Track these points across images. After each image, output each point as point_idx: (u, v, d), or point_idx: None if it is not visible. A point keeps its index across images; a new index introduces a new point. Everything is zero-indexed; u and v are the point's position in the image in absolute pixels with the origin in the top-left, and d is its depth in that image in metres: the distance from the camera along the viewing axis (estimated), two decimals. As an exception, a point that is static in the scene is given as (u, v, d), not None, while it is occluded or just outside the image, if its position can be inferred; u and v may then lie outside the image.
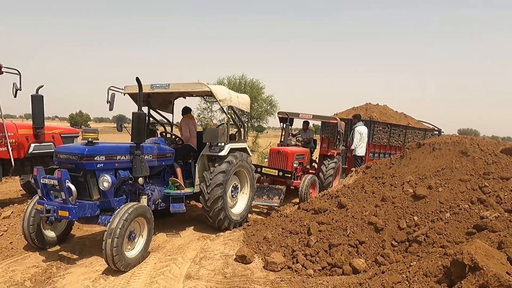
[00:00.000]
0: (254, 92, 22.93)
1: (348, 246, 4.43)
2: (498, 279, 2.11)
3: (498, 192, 4.28)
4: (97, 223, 4.47)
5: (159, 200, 5.52)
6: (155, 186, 5.53)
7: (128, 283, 3.92)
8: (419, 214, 4.45)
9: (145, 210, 4.49)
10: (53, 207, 4.11)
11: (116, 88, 5.77)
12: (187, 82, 5.71)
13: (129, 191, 5.01)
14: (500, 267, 2.25)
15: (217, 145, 5.88)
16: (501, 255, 2.43)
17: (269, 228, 5.59)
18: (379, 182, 5.81)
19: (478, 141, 5.45)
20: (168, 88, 5.66)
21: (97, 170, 4.42)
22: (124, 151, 4.79)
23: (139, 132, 4.67)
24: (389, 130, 11.64)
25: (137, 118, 4.63)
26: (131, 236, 4.35)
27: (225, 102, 5.92)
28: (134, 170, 4.75)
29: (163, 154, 5.57)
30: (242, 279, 4.10)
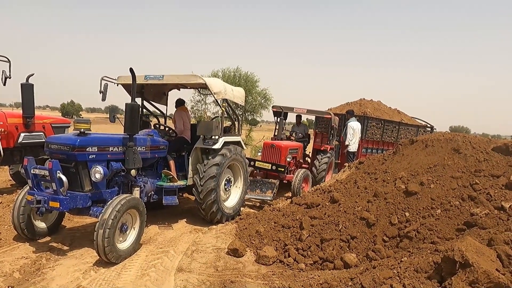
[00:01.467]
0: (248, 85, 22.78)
1: (340, 241, 4.45)
2: (488, 276, 2.14)
3: (488, 190, 4.33)
4: (89, 214, 4.45)
5: (151, 193, 5.50)
6: (148, 178, 5.50)
7: (119, 276, 3.90)
8: (410, 210, 4.49)
9: (138, 202, 4.48)
10: (44, 198, 4.06)
11: (109, 78, 5.69)
12: (181, 74, 5.64)
13: (122, 183, 4.96)
14: (490, 264, 2.27)
15: (211, 138, 5.85)
16: (491, 252, 2.45)
17: (262, 222, 5.58)
18: (371, 177, 5.83)
19: (470, 138, 5.49)
20: (162, 79, 5.60)
21: (89, 161, 4.38)
22: (117, 142, 4.75)
23: (132, 123, 4.63)
24: (383, 126, 11.68)
25: (130, 109, 4.58)
26: (123, 228, 4.33)
27: (220, 95, 5.88)
28: (127, 161, 4.72)
29: (156, 146, 5.54)
30: (234, 273, 4.10)
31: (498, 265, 2.35)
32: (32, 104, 6.76)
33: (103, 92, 5.45)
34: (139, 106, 5.20)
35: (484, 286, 2.14)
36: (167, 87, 6.93)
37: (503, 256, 2.42)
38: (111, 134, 5.04)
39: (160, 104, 7.14)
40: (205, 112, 23.12)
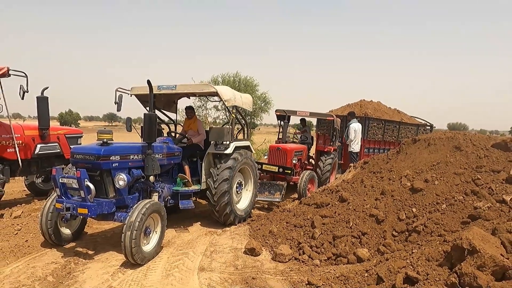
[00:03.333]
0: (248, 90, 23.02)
1: (351, 237, 4.70)
2: (494, 260, 2.39)
3: (490, 184, 4.59)
4: (113, 219, 4.71)
5: (168, 197, 5.74)
6: (165, 183, 5.74)
7: (146, 276, 4.13)
8: (417, 206, 4.74)
9: (160, 207, 4.74)
10: (73, 205, 4.30)
11: (123, 90, 5.96)
12: (194, 84, 5.96)
13: (141, 189, 5.21)
14: (495, 249, 2.52)
15: (223, 144, 6.09)
16: (495, 239, 2.70)
17: (274, 222, 5.83)
18: (377, 176, 6.10)
19: (471, 136, 5.77)
20: (175, 89, 5.87)
21: (112, 169, 4.62)
22: (137, 150, 5.01)
23: (151, 132, 4.86)
24: (383, 126, 11.97)
25: (148, 119, 4.83)
26: (147, 231, 4.55)
27: (230, 102, 6.15)
28: (146, 168, 4.96)
29: (172, 153, 5.80)
30: (254, 270, 4.34)
31: (502, 251, 2.60)
32: (47, 116, 7.01)
33: (118, 103, 5.70)
34: (156, 115, 5.44)
35: (490, 269, 2.39)
36: (178, 95, 7.19)
37: (506, 243, 2.68)
38: (132, 143, 5.27)
39: (170, 112, 7.44)
40: (206, 117, 23.35)
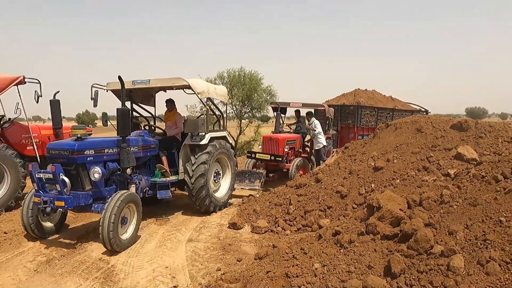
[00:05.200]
0: (253, 83, 23.64)
1: (318, 211, 5.42)
2: (391, 212, 3.05)
3: (440, 161, 5.20)
4: (91, 210, 4.94)
5: (146, 188, 5.94)
6: (142, 175, 5.92)
7: (142, 246, 4.96)
8: (376, 182, 5.40)
9: (135, 197, 5.02)
10: (50, 198, 4.52)
11: (99, 85, 6.17)
12: (166, 78, 6.14)
13: (118, 181, 5.40)
14: (396, 206, 3.18)
15: (198, 135, 6.31)
16: (402, 199, 3.37)
17: (259, 202, 6.58)
18: (352, 159, 6.77)
19: (432, 119, 6.34)
20: (148, 83, 6.13)
21: (87, 163, 4.84)
22: (112, 144, 5.20)
23: (124, 126, 5.04)
24: (376, 114, 12.49)
25: (121, 113, 4.98)
26: (124, 221, 4.81)
27: (204, 94, 6.35)
28: (122, 161, 5.16)
29: (148, 146, 5.98)
30: (232, 240, 5.14)
31: (404, 207, 3.27)
32: (59, 117, 7.92)
33: (94, 98, 5.81)
34: (129, 110, 5.49)
35: (388, 219, 3.06)
36: (154, 90, 7.37)
37: (410, 202, 3.35)
38: (106, 138, 5.62)
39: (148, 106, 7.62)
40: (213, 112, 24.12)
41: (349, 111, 12.47)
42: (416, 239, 2.55)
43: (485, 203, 2.69)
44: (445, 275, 2.20)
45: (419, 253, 2.53)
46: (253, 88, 23.30)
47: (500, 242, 2.24)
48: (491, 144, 5.32)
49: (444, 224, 2.75)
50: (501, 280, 2.01)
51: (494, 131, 5.59)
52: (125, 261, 4.42)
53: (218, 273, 3.94)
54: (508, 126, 5.66)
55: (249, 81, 23.60)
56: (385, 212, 3.05)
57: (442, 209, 3.01)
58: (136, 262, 4.38)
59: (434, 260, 2.36)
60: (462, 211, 2.79)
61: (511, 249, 2.14)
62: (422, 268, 2.36)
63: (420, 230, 2.59)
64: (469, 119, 6.00)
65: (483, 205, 2.69)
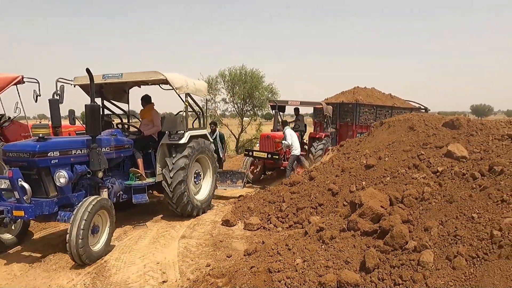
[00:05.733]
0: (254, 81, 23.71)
1: (310, 208, 5.49)
2: (372, 209, 3.12)
3: (430, 158, 5.24)
4: (56, 220, 4.39)
5: (120, 192, 5.50)
6: (115, 178, 5.49)
7: (136, 243, 5.06)
8: (367, 179, 5.45)
9: (107, 203, 4.53)
10: (7, 208, 4.01)
11: (65, 80, 5.69)
12: (141, 71, 5.59)
13: (88, 185, 4.93)
14: (377, 203, 3.25)
15: (177, 133, 5.87)
16: (384, 196, 3.43)
17: (254, 200, 6.67)
18: (346, 157, 6.82)
19: (425, 117, 6.37)
20: (121, 77, 5.57)
21: (51, 166, 4.29)
22: (80, 145, 4.70)
23: (94, 124, 4.55)
24: (375, 111, 12.50)
25: (90, 110, 4.47)
26: (95, 230, 4.35)
27: (182, 89, 5.85)
28: (91, 163, 4.67)
29: (121, 146, 5.46)
30: (225, 236, 5.23)
31: (386, 203, 3.33)
32: (59, 115, 8.04)
33: (59, 94, 5.37)
34: (100, 106, 5.00)
35: (369, 216, 3.12)
36: (128, 85, 6.88)
37: (392, 199, 3.41)
38: (73, 137, 5.26)
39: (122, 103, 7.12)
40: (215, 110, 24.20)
41: (347, 109, 12.50)
42: (392, 235, 2.62)
43: (461, 200, 2.75)
44: (415, 270, 2.27)
45: (394, 249, 2.59)
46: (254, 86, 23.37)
47: (469, 238, 2.30)
48: (482, 142, 5.34)
49: (422, 221, 2.82)
50: (466, 274, 2.07)
51: (486, 129, 5.61)
52: (118, 257, 4.53)
53: (207, 269, 4.03)
54: (500, 124, 5.68)
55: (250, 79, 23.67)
56: (366, 209, 3.12)
57: (421, 206, 3.07)
58: (128, 258, 4.49)
59: (407, 255, 2.43)
60: (439, 208, 2.85)
61: (478, 244, 2.20)
62: (395, 263, 2.42)
63: (396, 226, 2.66)
64: (461, 117, 6.02)
65: (458, 202, 2.74)
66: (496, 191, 2.61)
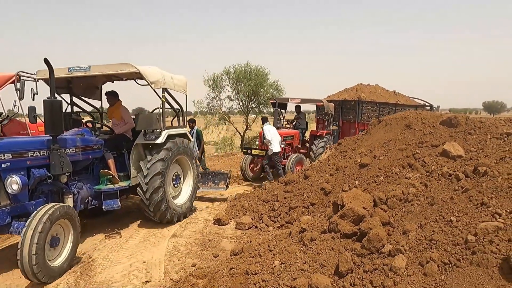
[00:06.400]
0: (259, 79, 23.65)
1: (302, 208, 5.41)
2: (353, 211, 3.03)
3: (425, 158, 5.11)
4: (9, 232, 3.90)
5: (89, 198, 4.99)
6: (83, 183, 4.98)
7: (126, 242, 5.06)
8: (360, 179, 5.35)
9: (69, 211, 3.98)
10: None
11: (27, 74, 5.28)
12: (111, 64, 5.10)
13: (49, 192, 4.42)
14: (359, 204, 3.15)
15: (153, 132, 5.42)
16: (369, 197, 3.34)
17: (248, 198, 6.62)
18: (342, 155, 6.71)
19: (422, 115, 6.22)
20: (89, 71, 5.11)
21: (2, 171, 3.80)
22: (38, 146, 4.17)
23: (54, 122, 4.06)
24: (378, 109, 12.32)
25: (50, 106, 3.99)
26: (55, 242, 3.85)
27: (158, 84, 5.39)
28: (53, 167, 4.17)
29: (89, 146, 4.97)
30: (215, 236, 5.19)
31: (368, 205, 3.24)
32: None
33: (19, 89, 5.02)
34: (61, 102, 4.46)
35: (350, 217, 3.03)
36: (98, 80, 6.37)
37: (377, 200, 3.31)
38: (30, 137, 4.76)
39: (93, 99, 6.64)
40: (220, 108, 24.18)
41: (350, 106, 12.35)
42: (369, 238, 2.53)
43: (442, 202, 2.65)
44: (386, 275, 2.19)
45: (371, 252, 2.51)
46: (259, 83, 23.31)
47: (444, 242, 2.20)
48: (480, 141, 5.18)
49: (402, 223, 2.72)
50: (436, 281, 1.97)
51: (484, 127, 5.45)
52: (106, 256, 4.53)
53: (192, 269, 3.99)
54: (499, 122, 5.51)
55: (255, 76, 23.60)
56: (347, 210, 3.03)
57: (404, 208, 2.97)
58: (116, 257, 4.48)
59: (381, 260, 2.35)
60: (420, 210, 2.75)
61: (452, 249, 2.11)
62: (368, 268, 2.34)
63: (374, 229, 2.57)
64: (459, 115, 5.86)
65: (439, 204, 2.64)
66: (477, 193, 2.50)
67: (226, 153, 19.10)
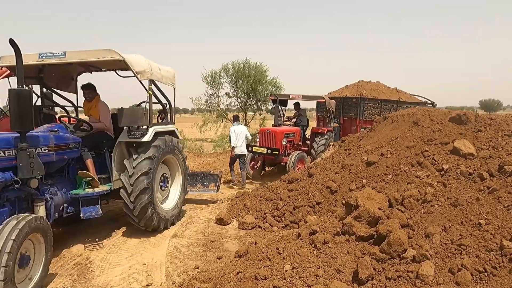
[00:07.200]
0: (258, 75, 23.43)
1: (307, 207, 5.23)
2: (368, 212, 2.86)
3: (435, 155, 4.95)
4: None
5: (64, 206, 4.30)
6: (57, 187, 4.29)
7: (125, 242, 4.86)
8: (367, 177, 5.18)
9: (41, 223, 3.35)
10: None
11: None
12: (91, 50, 4.42)
13: (17, 199, 3.74)
14: (375, 204, 2.98)
15: (138, 129, 4.80)
16: (383, 197, 3.16)
17: (251, 197, 6.43)
18: (347, 153, 6.54)
19: (430, 112, 6.05)
20: (64, 57, 4.33)
21: None
22: (2, 144, 3.52)
23: (22, 116, 3.40)
24: (380, 106, 12.15)
25: (16, 97, 3.32)
26: (24, 261, 3.18)
27: (144, 75, 4.74)
28: (20, 169, 3.55)
29: (65, 145, 4.27)
30: (217, 236, 5.00)
31: (384, 205, 3.06)
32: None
33: None
34: (30, 91, 3.83)
35: (365, 219, 2.86)
36: (74, 69, 5.63)
37: (392, 200, 3.14)
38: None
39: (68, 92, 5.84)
40: (218, 104, 23.96)
41: (351, 103, 12.17)
42: (389, 242, 2.36)
43: (467, 203, 2.48)
44: (413, 284, 2.02)
45: (392, 257, 2.34)
46: (258, 80, 23.08)
47: (475, 248, 2.04)
48: (491, 138, 5.03)
49: (423, 226, 2.55)
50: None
51: (495, 124, 5.29)
52: (104, 257, 4.33)
53: (195, 272, 3.80)
54: (510, 119, 5.35)
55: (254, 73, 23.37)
56: (362, 211, 2.86)
57: (423, 209, 2.80)
58: (114, 258, 4.28)
59: (405, 266, 2.17)
60: (443, 212, 2.58)
61: (486, 256, 1.94)
62: (391, 275, 2.17)
63: (394, 232, 2.40)
64: (468, 112, 5.70)
65: (464, 205, 2.47)
66: (506, 194, 2.34)
67: (224, 150, 18.92)
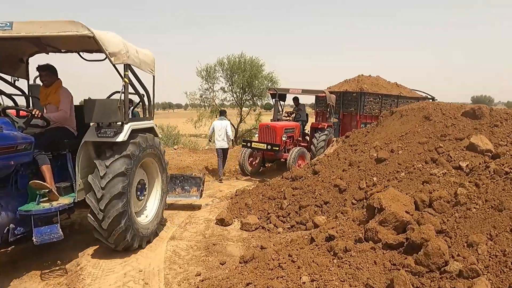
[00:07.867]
0: (254, 70, 23.05)
1: (314, 206, 4.92)
2: (395, 216, 2.55)
3: (450, 152, 4.66)
4: None
5: (10, 226, 3.31)
6: (0, 202, 3.32)
7: (119, 245, 4.49)
8: (378, 175, 4.88)
9: None
10: None
11: None
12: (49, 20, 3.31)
13: None
14: (401, 207, 2.68)
15: (110, 126, 3.87)
16: (409, 199, 2.86)
17: (252, 195, 6.09)
18: (353, 149, 6.23)
19: (442, 106, 5.77)
20: (10, 30, 3.27)
21: None
22: None
23: None
24: (380, 101, 11.89)
25: None
26: None
27: (120, 58, 3.77)
28: None
29: (11, 146, 3.26)
30: (219, 238, 4.66)
31: (411, 208, 2.76)
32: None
33: None
34: None
35: (392, 224, 2.56)
36: (25, 48, 4.49)
37: (418, 202, 2.83)
38: None
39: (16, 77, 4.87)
40: (213, 99, 23.53)
41: (351, 98, 11.90)
42: (427, 252, 2.05)
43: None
44: (466, 305, 1.71)
45: (431, 270, 2.03)
46: (253, 75, 22.69)
47: (537, 262, 1.74)
48: (508, 134, 4.78)
49: (461, 233, 2.25)
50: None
51: (511, 118, 5.04)
52: (96, 263, 3.95)
53: (197, 279, 3.47)
54: (527, 114, 5.09)
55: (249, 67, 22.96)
56: (388, 215, 2.54)
57: (457, 213, 2.49)
58: (107, 264, 3.91)
59: (450, 283, 1.86)
60: (484, 217, 2.27)
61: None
62: (435, 293, 1.86)
63: (432, 241, 2.09)
64: (483, 106, 5.42)
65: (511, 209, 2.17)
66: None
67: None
